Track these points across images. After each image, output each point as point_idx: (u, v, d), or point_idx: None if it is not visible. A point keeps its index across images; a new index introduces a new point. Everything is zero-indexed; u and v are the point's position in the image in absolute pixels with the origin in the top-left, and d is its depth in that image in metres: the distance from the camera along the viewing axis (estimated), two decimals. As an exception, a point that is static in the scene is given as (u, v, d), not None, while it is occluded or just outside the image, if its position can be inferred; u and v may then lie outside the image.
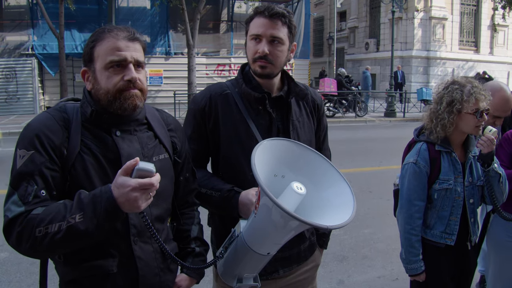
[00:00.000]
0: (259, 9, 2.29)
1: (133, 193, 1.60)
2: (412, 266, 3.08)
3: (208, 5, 26.65)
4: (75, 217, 1.62)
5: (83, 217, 1.62)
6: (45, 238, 1.62)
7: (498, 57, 33.20)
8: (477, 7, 32.97)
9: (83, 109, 1.89)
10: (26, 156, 1.71)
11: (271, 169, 1.88)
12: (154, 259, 1.99)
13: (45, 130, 1.77)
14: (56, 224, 1.62)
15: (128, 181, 1.60)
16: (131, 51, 1.86)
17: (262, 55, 2.25)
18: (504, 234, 3.46)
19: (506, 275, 3.56)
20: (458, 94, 2.93)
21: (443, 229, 3.04)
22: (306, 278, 2.60)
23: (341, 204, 1.83)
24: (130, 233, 1.90)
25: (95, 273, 1.86)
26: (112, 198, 1.62)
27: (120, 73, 1.84)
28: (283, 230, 1.77)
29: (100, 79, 1.85)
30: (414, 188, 3.03)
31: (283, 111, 2.41)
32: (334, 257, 5.72)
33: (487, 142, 2.96)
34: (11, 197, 1.69)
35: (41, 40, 22.95)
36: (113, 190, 1.63)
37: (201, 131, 2.36)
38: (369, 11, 35.55)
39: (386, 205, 7.14)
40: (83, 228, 1.61)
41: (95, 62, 1.85)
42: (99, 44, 1.84)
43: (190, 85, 21.68)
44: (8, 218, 1.65)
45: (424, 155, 3.03)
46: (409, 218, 3.05)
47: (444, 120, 2.97)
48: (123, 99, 1.84)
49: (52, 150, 1.75)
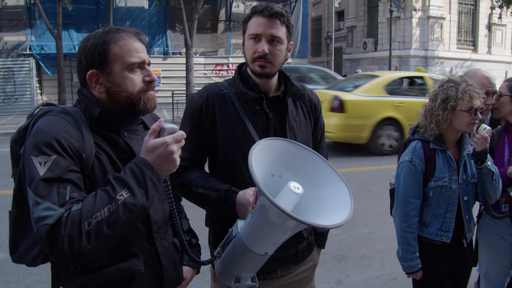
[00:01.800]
0: (258, 9, 2.28)
1: (169, 148, 1.67)
2: (409, 263, 3.11)
3: (206, 5, 26.70)
4: (122, 193, 1.59)
5: (129, 192, 1.60)
6: (98, 227, 1.54)
7: (496, 56, 33.25)
8: (475, 6, 33.02)
9: (89, 111, 1.83)
10: (49, 161, 1.60)
11: (268, 169, 1.88)
12: (172, 253, 2.05)
13: (63, 133, 1.67)
14: (105, 209, 1.56)
15: (160, 140, 1.67)
16: (144, 53, 1.88)
17: (262, 54, 2.24)
18: (493, 231, 3.50)
19: (495, 270, 3.61)
20: (453, 91, 2.96)
21: (439, 227, 3.07)
22: (304, 278, 2.60)
23: (339, 204, 1.83)
24: (152, 230, 1.92)
25: (121, 276, 1.83)
26: (149, 164, 1.65)
27: (139, 75, 1.85)
28: (281, 229, 1.77)
29: (120, 81, 1.81)
30: (409, 186, 3.07)
31: (280, 111, 2.41)
32: (333, 256, 5.72)
33: (481, 140, 2.98)
34: (39, 205, 1.55)
35: (39, 40, 22.97)
36: (146, 157, 1.66)
37: (198, 131, 2.35)
38: (367, 11, 35.59)
39: (384, 205, 7.12)
40: (134, 201, 1.60)
41: (111, 64, 1.79)
42: (113, 45, 1.80)
43: (188, 85, 21.69)
44: (49, 225, 1.51)
45: (419, 153, 3.07)
46: (405, 216, 3.08)
47: (438, 116, 3.00)
48: (147, 100, 1.85)
49: (73, 153, 1.67)
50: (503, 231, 3.44)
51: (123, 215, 1.57)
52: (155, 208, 1.93)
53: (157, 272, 1.96)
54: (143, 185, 1.62)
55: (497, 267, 3.59)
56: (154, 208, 1.91)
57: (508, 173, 3.25)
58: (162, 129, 1.70)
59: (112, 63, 1.79)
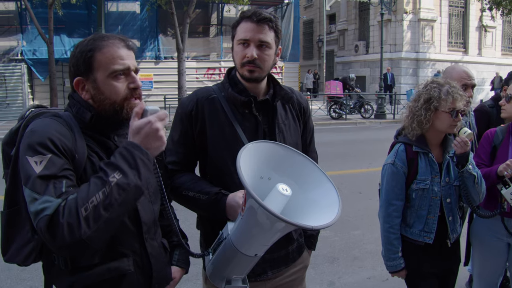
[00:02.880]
0: (246, 14, 2.31)
1: (154, 125, 1.69)
2: (391, 263, 3.18)
3: (198, 9, 26.71)
4: (114, 176, 1.61)
5: (121, 173, 1.62)
6: (95, 211, 1.56)
7: (487, 58, 33.44)
8: (465, 8, 33.21)
9: (80, 115, 1.86)
10: (44, 160, 1.64)
11: (257, 171, 1.90)
12: (161, 254, 2.07)
13: (56, 133, 1.72)
14: (99, 193, 1.57)
15: (144, 120, 1.70)
16: (131, 59, 1.87)
17: (251, 59, 2.27)
18: (485, 231, 3.53)
19: (488, 271, 3.64)
20: (436, 92, 3.01)
21: (422, 228, 3.11)
22: (295, 279, 2.62)
23: (327, 205, 1.85)
24: (142, 230, 1.94)
25: (111, 276, 1.85)
26: (137, 145, 1.68)
27: (124, 82, 1.85)
28: (270, 231, 1.79)
29: (104, 89, 1.82)
30: (392, 189, 3.13)
31: (269, 114, 2.44)
32: (325, 258, 5.74)
33: (461, 143, 3.01)
34: (36, 201, 1.58)
35: (30, 45, 22.90)
36: (133, 139, 1.69)
37: (188, 135, 2.38)
38: (358, 14, 35.70)
39: (376, 207, 7.12)
40: (128, 181, 1.61)
41: (95, 71, 1.82)
42: (98, 52, 1.81)
43: (180, 89, 21.69)
44: (48, 216, 1.54)
45: (401, 156, 3.12)
46: (388, 217, 3.15)
47: (420, 116, 3.04)
48: (129, 109, 1.84)
49: (66, 152, 1.71)
50: (499, 231, 3.46)
51: (118, 196, 1.59)
52: (145, 209, 1.95)
53: (147, 272, 1.98)
54: (134, 166, 1.64)
55: (491, 267, 3.61)
56: (144, 209, 1.95)
57: (498, 170, 3.27)
58: (145, 110, 1.74)
59: (96, 70, 1.82)
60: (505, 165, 3.23)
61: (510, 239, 3.46)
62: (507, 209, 3.35)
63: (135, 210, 1.90)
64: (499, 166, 3.28)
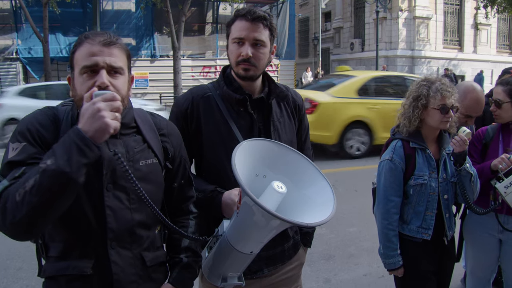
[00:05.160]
0: (241, 12, 2.32)
1: (95, 105, 1.61)
2: (390, 260, 3.16)
3: (193, 8, 26.68)
4: (46, 162, 1.58)
5: (54, 159, 1.58)
6: (25, 196, 1.56)
7: (482, 55, 33.49)
8: (461, 6, 33.24)
9: (73, 112, 1.87)
10: (19, 147, 1.72)
11: (252, 169, 1.91)
12: (132, 265, 1.93)
13: (36, 124, 1.79)
14: (31, 179, 1.57)
15: (88, 102, 1.64)
16: (105, 56, 1.79)
17: (246, 58, 2.28)
18: (477, 228, 3.56)
19: (480, 267, 3.68)
20: (425, 89, 3.04)
21: (420, 224, 3.11)
22: (291, 276, 2.63)
23: (322, 202, 1.86)
24: (107, 236, 1.85)
25: (71, 272, 1.84)
26: (77, 129, 1.61)
27: (91, 78, 1.78)
28: (265, 228, 1.80)
29: (76, 85, 1.82)
30: (390, 185, 3.12)
31: (264, 112, 2.45)
32: (321, 256, 5.76)
33: (460, 142, 3.03)
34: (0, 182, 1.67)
35: (25, 44, 22.85)
36: (78, 124, 1.64)
37: (184, 133, 2.36)
38: (353, 12, 35.71)
39: (371, 204, 7.18)
40: (55, 167, 1.56)
41: (74, 68, 1.84)
42: (78, 50, 1.83)
43: (176, 88, 21.69)
44: None
45: (399, 152, 3.12)
46: (386, 213, 3.13)
47: (409, 113, 3.09)
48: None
49: (43, 143, 1.76)
50: (491, 227, 3.48)
51: (45, 181, 1.56)
52: (115, 215, 1.85)
53: (108, 279, 1.88)
54: (67, 151, 1.59)
55: (484, 263, 3.64)
56: (114, 214, 1.84)
57: (492, 165, 3.29)
58: (94, 95, 1.68)
59: (74, 67, 1.84)
60: (500, 159, 3.25)
61: (502, 235, 3.48)
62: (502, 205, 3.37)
63: (102, 213, 1.83)
64: (493, 161, 3.31)
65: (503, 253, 3.55)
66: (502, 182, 3.22)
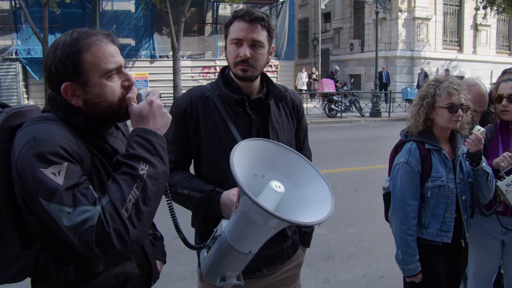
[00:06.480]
0: (239, 13, 2.33)
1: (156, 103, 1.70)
2: (409, 267, 3.04)
3: (193, 8, 26.69)
4: (142, 167, 1.57)
5: (147, 163, 1.58)
6: (136, 209, 1.51)
7: (481, 56, 33.51)
8: (460, 7, 33.25)
9: (72, 120, 1.70)
10: (62, 169, 1.50)
11: (250, 169, 1.91)
12: (153, 250, 2.06)
13: (64, 139, 1.57)
14: (134, 189, 1.52)
15: (144, 102, 1.70)
16: (119, 56, 1.75)
17: (244, 58, 2.29)
18: (480, 231, 3.53)
19: (486, 269, 3.66)
20: (432, 89, 3.02)
21: (439, 227, 3.02)
22: (290, 276, 2.64)
23: (320, 202, 1.86)
24: None
25: (118, 281, 1.81)
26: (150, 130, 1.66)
27: (118, 81, 1.73)
28: (263, 228, 1.80)
29: (99, 91, 1.68)
30: (407, 188, 3.02)
31: (262, 112, 2.46)
32: (320, 256, 5.76)
33: (475, 141, 3.01)
34: (71, 214, 1.46)
35: (25, 44, 22.83)
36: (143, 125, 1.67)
37: (183, 133, 2.39)
38: (353, 12, 35.71)
39: (371, 204, 7.21)
40: (156, 170, 1.60)
41: (87, 73, 1.66)
42: (86, 53, 1.65)
43: (175, 88, 21.68)
44: (93, 226, 1.44)
45: (414, 154, 3.04)
46: (404, 218, 3.02)
47: (415, 113, 3.07)
48: (127, 106, 1.74)
49: (78, 158, 1.58)
50: (494, 230, 3.48)
51: (152, 187, 1.56)
52: None
53: (146, 271, 1.97)
54: (155, 152, 1.61)
55: (488, 265, 3.64)
56: None
57: (494, 163, 3.29)
58: (139, 95, 1.72)
59: (87, 72, 1.66)
60: (502, 157, 3.26)
61: (505, 236, 3.48)
62: (502, 206, 3.37)
63: None
64: (495, 159, 3.31)
65: (506, 255, 3.55)
66: (504, 180, 3.22)
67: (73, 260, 1.69)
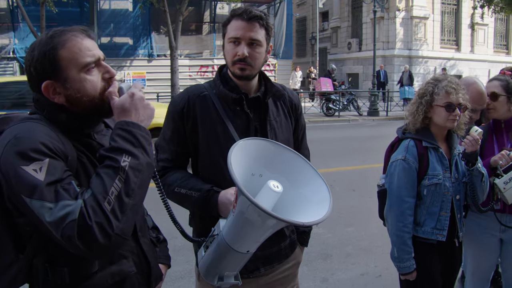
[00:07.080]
0: (237, 12, 2.32)
1: (138, 95, 1.68)
2: (404, 264, 3.04)
3: (191, 7, 26.67)
4: (124, 159, 1.54)
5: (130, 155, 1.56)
6: (119, 202, 1.49)
7: (479, 55, 33.61)
8: (458, 6, 33.33)
9: (54, 118, 1.70)
10: (44, 166, 1.49)
11: (248, 168, 1.90)
12: (153, 250, 2.04)
13: (46, 137, 1.56)
14: (116, 182, 1.50)
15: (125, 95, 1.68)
16: (97, 49, 1.74)
17: (242, 57, 2.28)
18: (478, 229, 3.53)
19: (482, 268, 3.66)
20: (430, 87, 3.02)
21: (434, 225, 3.03)
22: (288, 276, 2.63)
23: (318, 201, 1.85)
24: (136, 229, 1.89)
25: (114, 280, 1.79)
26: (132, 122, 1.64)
27: (97, 74, 1.72)
28: (261, 228, 1.79)
29: (79, 86, 1.67)
30: (404, 185, 3.03)
31: (260, 111, 2.45)
32: (318, 255, 5.76)
33: (472, 141, 3.01)
34: (52, 209, 1.44)
35: (22, 43, 22.80)
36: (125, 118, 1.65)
37: (180, 132, 2.38)
38: (351, 11, 35.76)
39: (369, 203, 7.20)
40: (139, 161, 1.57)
41: (65, 70, 1.66)
42: (62, 49, 1.65)
43: (173, 87, 21.66)
44: (75, 220, 1.42)
45: (412, 151, 3.05)
46: (401, 215, 3.02)
47: (413, 110, 3.07)
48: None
49: (61, 154, 1.57)
50: (492, 227, 3.47)
51: (135, 178, 1.54)
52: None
53: (145, 270, 1.95)
54: (138, 144, 1.59)
55: (485, 263, 3.63)
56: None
57: (492, 161, 3.29)
58: (120, 88, 1.71)
59: (65, 68, 1.66)
60: (500, 155, 3.26)
61: (503, 234, 3.48)
62: (500, 204, 3.37)
63: None
64: (493, 157, 3.31)
65: (504, 253, 3.55)
66: (501, 178, 3.23)
67: (67, 261, 1.67)
